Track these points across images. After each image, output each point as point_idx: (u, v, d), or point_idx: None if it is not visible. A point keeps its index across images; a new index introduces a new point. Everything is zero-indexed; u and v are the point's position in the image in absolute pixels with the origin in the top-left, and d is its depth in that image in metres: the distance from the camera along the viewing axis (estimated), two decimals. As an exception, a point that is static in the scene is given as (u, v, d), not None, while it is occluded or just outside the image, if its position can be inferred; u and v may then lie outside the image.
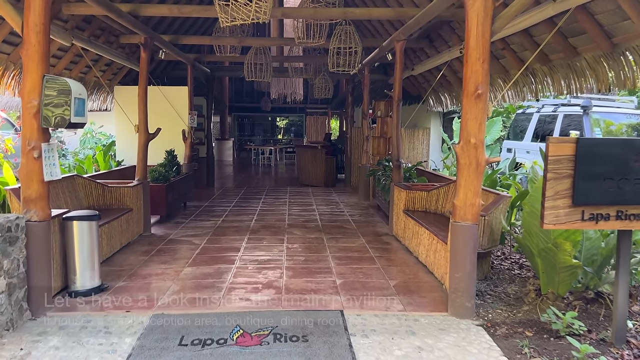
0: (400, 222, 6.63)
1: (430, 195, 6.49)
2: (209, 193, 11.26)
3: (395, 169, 7.04)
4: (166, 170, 8.17)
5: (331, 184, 12.93)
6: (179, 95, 10.03)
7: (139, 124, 6.93)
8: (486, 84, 3.97)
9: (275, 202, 9.97)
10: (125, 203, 6.51)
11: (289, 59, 10.41)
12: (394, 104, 7.05)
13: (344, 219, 8.29)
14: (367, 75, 9.83)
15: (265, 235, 6.85)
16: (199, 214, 8.56)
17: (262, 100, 23.08)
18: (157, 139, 8.29)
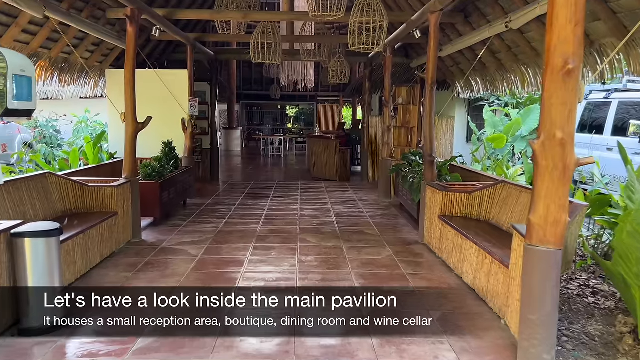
0: (434, 229, 5.56)
1: (472, 198, 5.40)
2: (213, 189, 10.25)
3: (427, 166, 5.94)
4: (161, 165, 7.15)
5: (346, 178, 11.86)
6: (178, 80, 8.98)
7: (125, 111, 5.89)
8: (579, 56, 2.86)
9: (285, 200, 8.92)
10: (109, 206, 5.50)
11: (301, 39, 9.30)
12: (426, 89, 5.94)
13: (364, 221, 7.23)
14: (390, 57, 8.69)
15: (274, 244, 5.82)
16: (199, 214, 7.54)
17: (272, 88, 22.02)
18: (154, 129, 7.35)
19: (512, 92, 7.75)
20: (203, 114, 11.24)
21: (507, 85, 7.60)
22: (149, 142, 8.41)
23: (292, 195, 9.41)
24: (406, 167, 7.45)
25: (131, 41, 5.82)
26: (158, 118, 9.04)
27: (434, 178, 5.96)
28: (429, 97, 5.91)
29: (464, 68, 9.33)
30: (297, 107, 26.74)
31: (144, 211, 6.44)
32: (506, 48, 6.99)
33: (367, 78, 11.21)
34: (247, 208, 8.12)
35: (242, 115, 25.02)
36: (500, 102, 11.46)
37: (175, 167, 8.05)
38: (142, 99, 9.02)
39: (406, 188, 6.90)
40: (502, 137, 9.35)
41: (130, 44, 5.83)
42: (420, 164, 7.20)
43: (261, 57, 8.19)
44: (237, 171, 14.12)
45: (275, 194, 9.67)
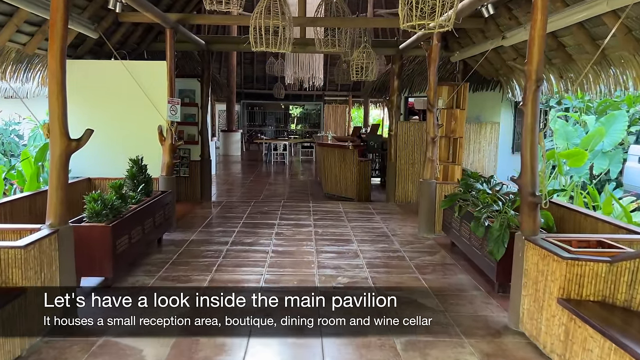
0: (549, 319, 3.38)
1: (617, 271, 3.22)
2: (203, 213, 8.08)
3: (527, 210, 3.75)
4: (120, 195, 4.97)
5: (366, 197, 9.70)
6: (154, 75, 6.82)
7: (50, 123, 3.72)
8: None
9: (295, 234, 6.74)
10: (12, 278, 3.33)
11: (317, 22, 7.13)
12: (526, 89, 3.74)
13: (411, 276, 5.06)
14: (437, 46, 6.49)
15: (280, 334, 3.63)
16: (176, 263, 5.38)
17: (275, 86, 19.94)
18: (123, 141, 5.47)
19: (611, 92, 5.56)
20: (192, 118, 9.09)
21: (611, 83, 5.40)
22: (117, 158, 6.34)
23: (304, 226, 7.23)
24: (469, 198, 5.26)
25: (58, 8, 3.64)
26: (129, 125, 6.92)
27: (537, 230, 3.77)
28: (530, 103, 3.71)
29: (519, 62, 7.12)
30: (302, 107, 24.65)
31: (87, 268, 4.31)
32: (624, 30, 4.78)
33: (395, 74, 9.02)
34: (244, 251, 5.94)
35: (243, 116, 23.03)
36: (559, 107, 9.26)
37: (146, 193, 5.90)
38: (106, 100, 6.89)
39: (477, 234, 4.69)
40: (581, 153, 7.12)
41: (57, 12, 3.64)
42: (489, 195, 5.03)
43: (265, 45, 6.02)
44: (235, 184, 11.95)
45: (282, 221, 7.51)
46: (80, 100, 6.59)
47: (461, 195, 5.37)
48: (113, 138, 6.79)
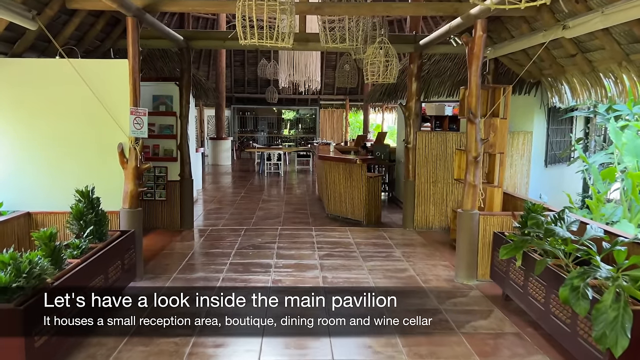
0: None
1: None
2: (182, 248, 6.54)
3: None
4: (49, 252, 3.41)
5: (376, 219, 8.22)
6: (114, 78, 5.26)
7: None
8: None
9: (297, 283, 5.22)
10: None
11: (323, 9, 5.60)
12: None
13: None
14: (482, 37, 5.00)
15: None
16: (132, 341, 3.83)
17: (267, 90, 18.53)
18: (74, 165, 4.21)
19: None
20: (169, 129, 7.55)
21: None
22: (65, 186, 4.86)
23: (307, 268, 5.70)
24: (541, 244, 3.76)
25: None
26: (81, 143, 5.38)
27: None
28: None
29: (577, 60, 5.66)
30: (296, 112, 23.28)
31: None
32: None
33: (412, 76, 7.52)
34: (229, 311, 4.38)
35: (234, 121, 21.62)
36: (607, 115, 7.83)
37: (97, 237, 4.36)
38: (50, 110, 5.33)
39: (577, 310, 3.16)
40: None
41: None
42: (577, 244, 3.54)
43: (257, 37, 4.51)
44: (223, 202, 10.41)
45: (279, 260, 5.99)
46: (13, 111, 5.04)
47: (532, 242, 3.87)
48: (60, 160, 5.24)
